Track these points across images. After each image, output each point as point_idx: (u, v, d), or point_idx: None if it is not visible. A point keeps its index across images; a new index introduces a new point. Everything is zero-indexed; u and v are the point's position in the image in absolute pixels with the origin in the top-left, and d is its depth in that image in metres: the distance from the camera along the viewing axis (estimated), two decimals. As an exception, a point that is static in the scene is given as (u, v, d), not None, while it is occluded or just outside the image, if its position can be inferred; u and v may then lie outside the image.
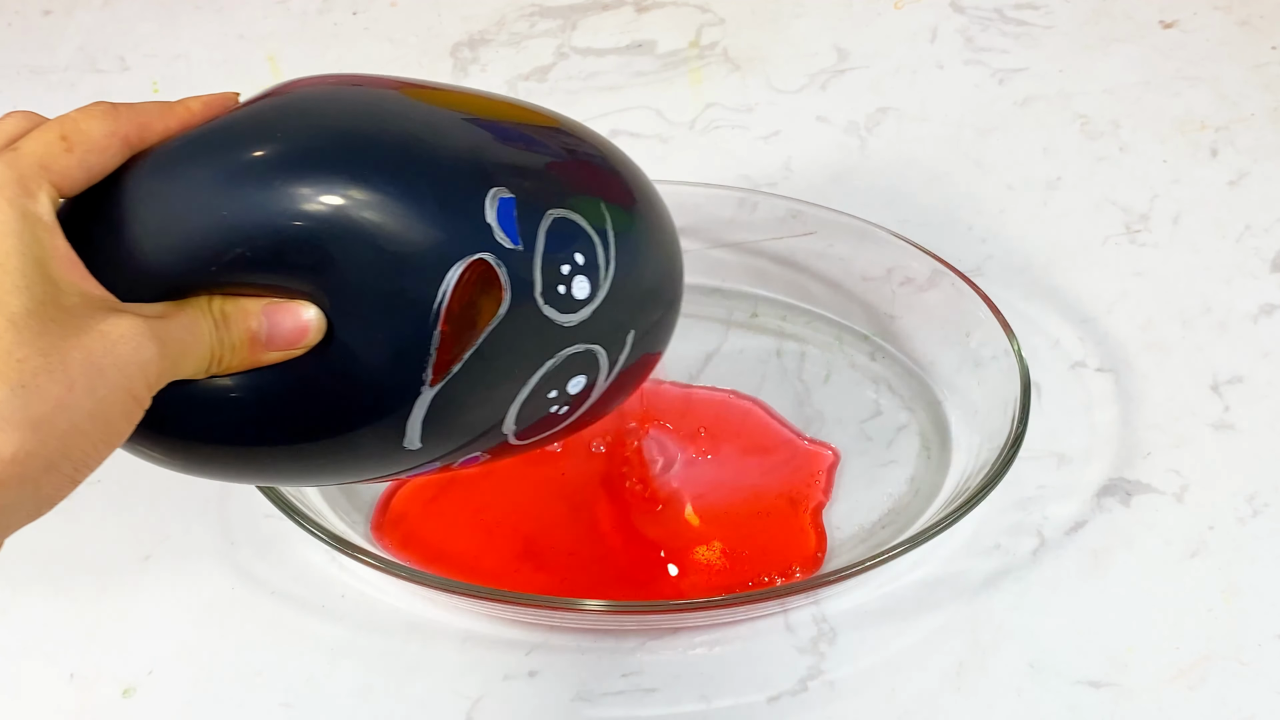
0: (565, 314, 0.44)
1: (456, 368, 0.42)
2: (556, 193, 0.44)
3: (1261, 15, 0.91)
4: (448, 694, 0.56)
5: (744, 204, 0.70)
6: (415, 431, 0.43)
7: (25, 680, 0.57)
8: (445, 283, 0.41)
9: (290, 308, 0.40)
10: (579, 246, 0.44)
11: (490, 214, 0.41)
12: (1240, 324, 0.71)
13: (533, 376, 0.44)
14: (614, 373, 0.47)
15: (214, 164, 0.40)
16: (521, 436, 0.46)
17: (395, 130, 0.42)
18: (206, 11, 0.96)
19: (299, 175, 0.40)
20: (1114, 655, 0.57)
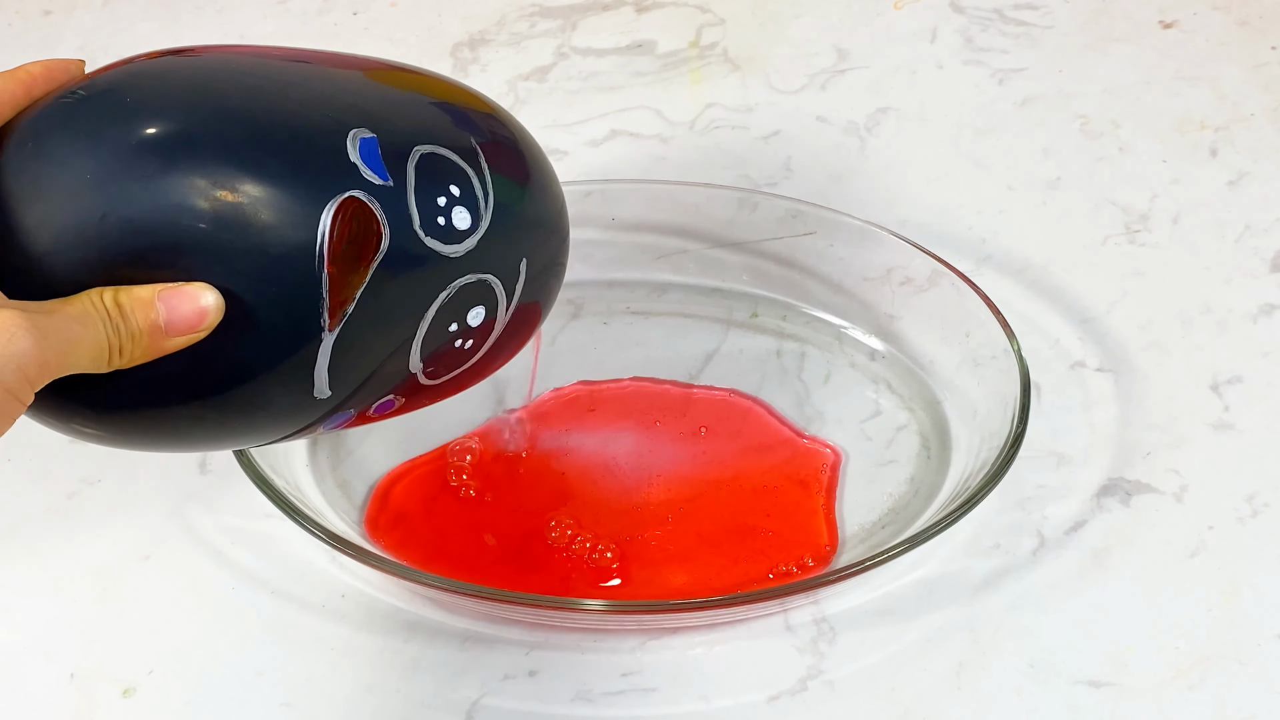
0: (450, 245, 0.45)
1: (351, 308, 0.43)
2: (422, 130, 0.46)
3: (1261, 15, 0.91)
4: (448, 694, 0.56)
5: (744, 204, 0.70)
6: (323, 379, 0.44)
7: (25, 680, 0.57)
8: (321, 224, 0.42)
9: (186, 292, 0.41)
10: (453, 179, 0.45)
11: (353, 153, 0.43)
12: (1240, 324, 0.71)
13: (429, 310, 0.45)
14: (514, 303, 0.48)
15: (81, 158, 0.41)
16: (431, 375, 0.47)
17: (245, 89, 0.43)
18: (206, 11, 0.96)
19: (166, 157, 0.41)
20: (1114, 655, 0.57)
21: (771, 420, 0.65)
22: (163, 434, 0.45)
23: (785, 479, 0.63)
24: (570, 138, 0.83)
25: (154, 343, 0.41)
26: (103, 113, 0.42)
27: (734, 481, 0.63)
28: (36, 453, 0.65)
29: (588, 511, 0.61)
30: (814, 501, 0.62)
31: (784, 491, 0.62)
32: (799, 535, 0.60)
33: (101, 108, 0.42)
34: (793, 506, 0.62)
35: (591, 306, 0.71)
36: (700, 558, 0.60)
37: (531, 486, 0.63)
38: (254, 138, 0.42)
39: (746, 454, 0.64)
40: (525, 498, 0.62)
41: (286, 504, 0.56)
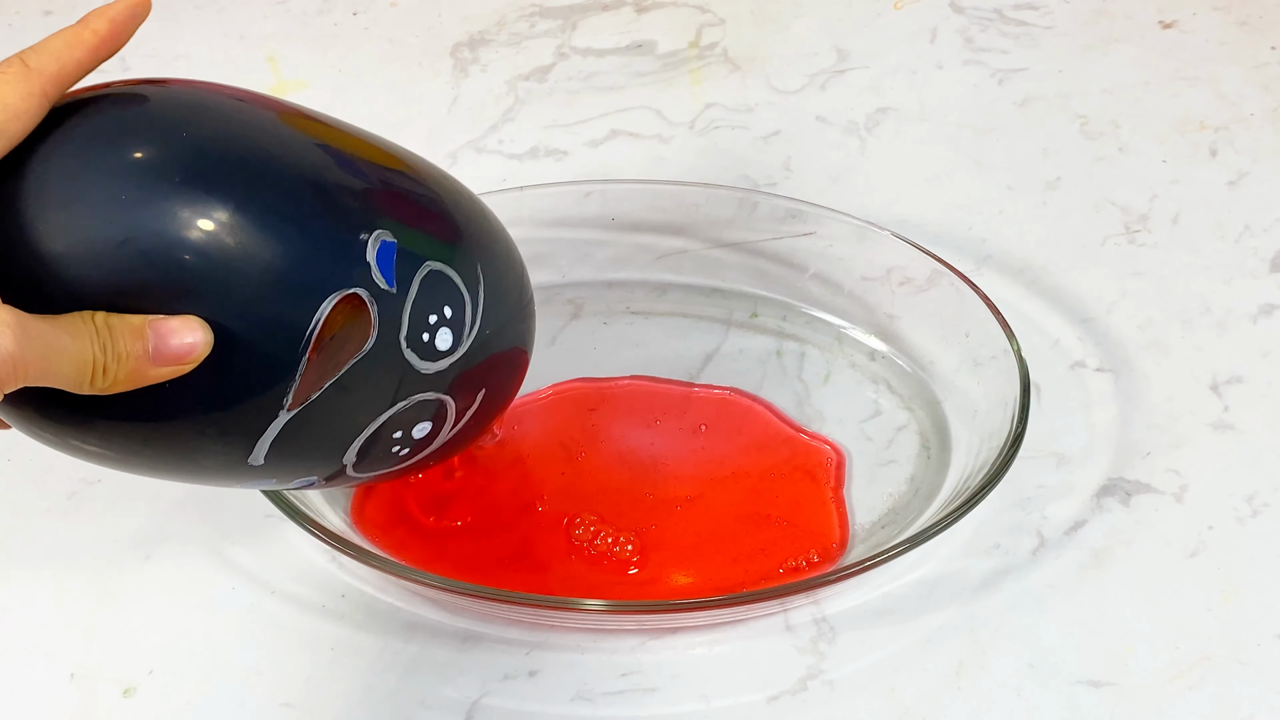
0: (424, 361, 0.46)
1: (315, 395, 0.43)
2: (438, 247, 0.46)
3: (1261, 15, 0.91)
4: (448, 694, 0.56)
5: (744, 204, 0.70)
6: (263, 450, 0.44)
7: (25, 680, 0.57)
8: (319, 313, 0.42)
9: (177, 325, 0.41)
10: (450, 301, 0.46)
11: (370, 253, 0.43)
12: (1240, 324, 0.71)
13: (383, 414, 0.46)
14: (458, 425, 0.50)
15: (103, 187, 0.40)
16: (359, 469, 0.48)
17: (296, 159, 0.43)
18: (207, 11, 0.96)
19: (192, 200, 0.40)
20: (1113, 655, 0.57)
21: (773, 418, 0.65)
22: (104, 452, 0.45)
23: (794, 469, 0.63)
24: (570, 138, 0.83)
25: (139, 370, 0.41)
26: (145, 143, 0.41)
27: (740, 475, 0.63)
28: (36, 453, 0.65)
29: (606, 506, 0.61)
30: (823, 493, 0.62)
31: (792, 481, 0.62)
32: (810, 527, 0.61)
33: (148, 137, 0.41)
34: (802, 498, 0.62)
35: (591, 306, 0.71)
36: (712, 551, 0.60)
37: (532, 485, 0.63)
38: (287, 211, 0.42)
39: (750, 449, 0.64)
40: (526, 496, 0.62)
41: (286, 504, 0.56)
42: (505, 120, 0.85)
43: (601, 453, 0.64)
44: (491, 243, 0.50)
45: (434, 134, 0.84)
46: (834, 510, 0.61)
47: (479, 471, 0.63)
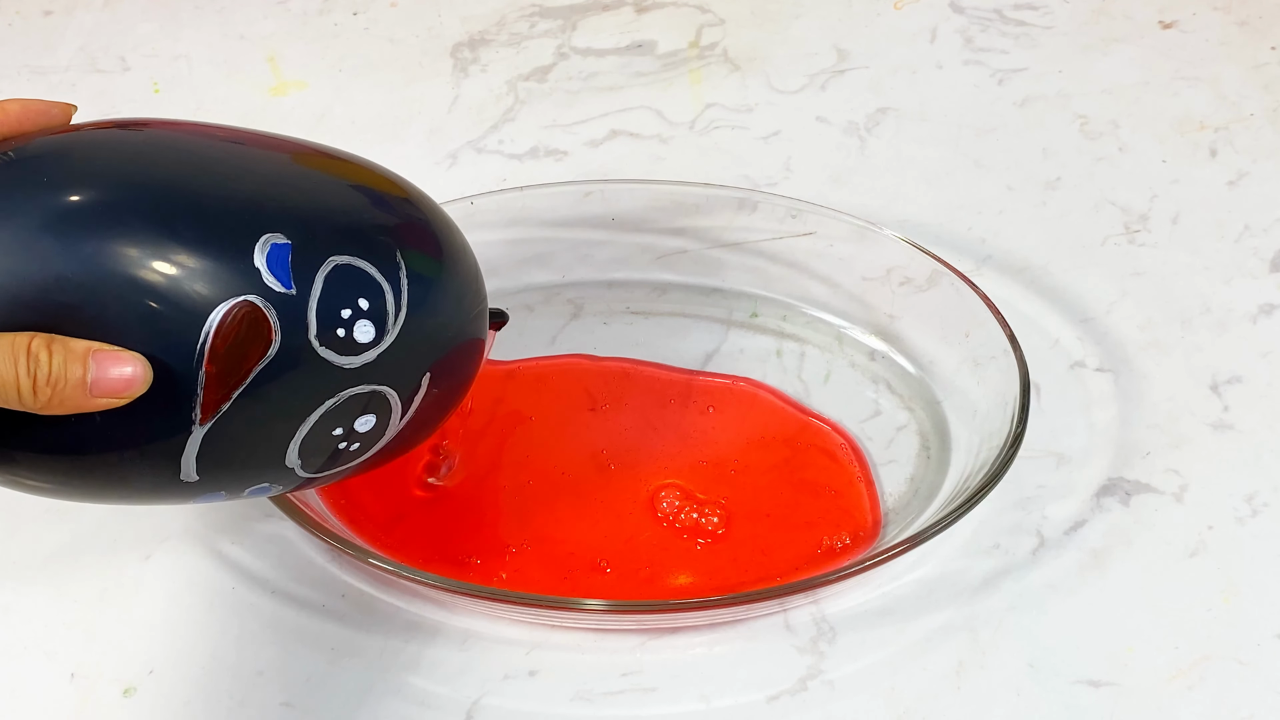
0: (345, 356, 0.45)
1: (226, 406, 0.43)
2: (343, 239, 0.45)
3: (1261, 15, 0.91)
4: (448, 694, 0.56)
5: (744, 204, 0.70)
6: (190, 466, 0.44)
7: (25, 680, 0.57)
8: (208, 324, 0.42)
9: (118, 357, 0.41)
10: (364, 292, 0.45)
11: (259, 259, 0.43)
12: (1239, 324, 0.71)
13: (311, 415, 0.45)
14: (410, 410, 0.48)
15: (12, 216, 0.41)
16: (310, 469, 0.48)
17: (172, 174, 0.43)
18: (207, 11, 0.96)
19: (72, 231, 0.41)
20: (1113, 655, 0.57)
21: (783, 404, 0.66)
22: (38, 484, 0.45)
23: (816, 450, 0.64)
24: (570, 138, 0.83)
25: (77, 397, 0.41)
26: (20, 179, 0.42)
27: (763, 454, 0.63)
28: (36, 453, 0.65)
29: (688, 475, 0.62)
30: (849, 473, 0.63)
31: (815, 461, 0.63)
32: (842, 504, 0.61)
33: (21, 174, 0.42)
34: (829, 478, 0.63)
35: (591, 306, 0.71)
36: (773, 522, 0.61)
37: (533, 484, 0.63)
38: (165, 227, 0.42)
39: (763, 432, 0.65)
40: (526, 496, 0.62)
41: (286, 504, 0.56)
42: (505, 120, 0.85)
43: (624, 427, 0.65)
44: (415, 223, 0.48)
45: (434, 134, 0.84)
46: (864, 491, 0.62)
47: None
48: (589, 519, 0.61)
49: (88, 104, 0.88)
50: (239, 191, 0.44)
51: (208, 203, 0.43)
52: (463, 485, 0.63)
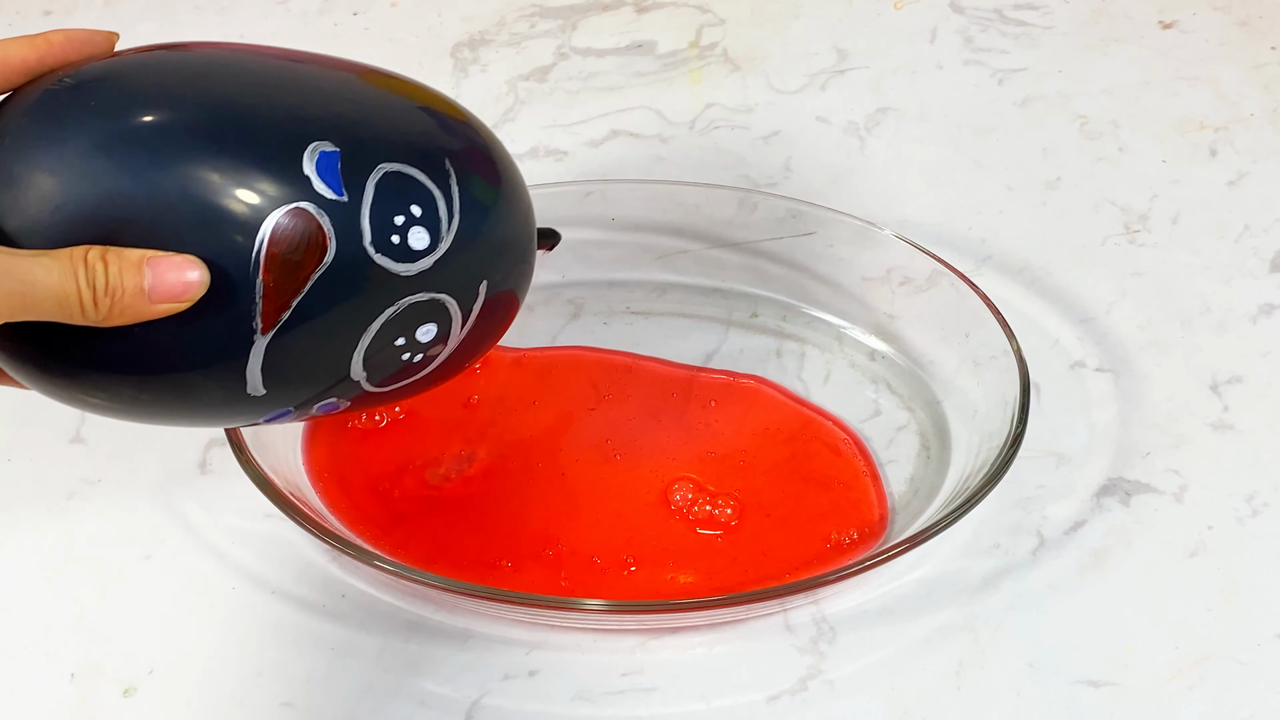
0: (402, 263, 0.45)
1: (286, 315, 0.43)
2: (392, 147, 0.45)
3: (1261, 15, 0.91)
4: (448, 694, 0.56)
5: (744, 204, 0.70)
6: (256, 379, 0.44)
7: (25, 680, 0.57)
8: (262, 232, 0.42)
9: (174, 262, 0.42)
10: (416, 199, 0.45)
11: (308, 166, 0.43)
12: (1239, 324, 0.71)
13: (372, 324, 0.45)
14: (470, 320, 0.48)
15: (69, 139, 0.42)
16: (378, 384, 0.48)
17: (221, 90, 0.44)
18: (207, 11, 0.96)
19: (129, 148, 0.42)
20: (1113, 655, 0.57)
21: (786, 400, 0.66)
22: (106, 403, 0.45)
23: (820, 445, 0.64)
24: (570, 138, 0.83)
25: (137, 305, 0.41)
26: (71, 103, 0.43)
27: (766, 447, 0.64)
28: (36, 453, 0.65)
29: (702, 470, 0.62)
30: (854, 467, 0.63)
31: (819, 455, 0.64)
32: (850, 497, 0.62)
33: (72, 98, 0.43)
34: (834, 471, 0.63)
35: (591, 306, 0.71)
36: (782, 515, 0.61)
37: (533, 485, 0.63)
38: (215, 140, 0.43)
39: (766, 425, 0.65)
40: (526, 496, 0.62)
41: (286, 504, 0.56)
42: (505, 120, 0.85)
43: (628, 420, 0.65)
44: (459, 133, 0.49)
45: (434, 134, 0.84)
46: (870, 485, 0.62)
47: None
48: (602, 515, 0.61)
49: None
50: (285, 102, 0.44)
51: (255, 114, 0.44)
52: (467, 481, 0.63)
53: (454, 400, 0.66)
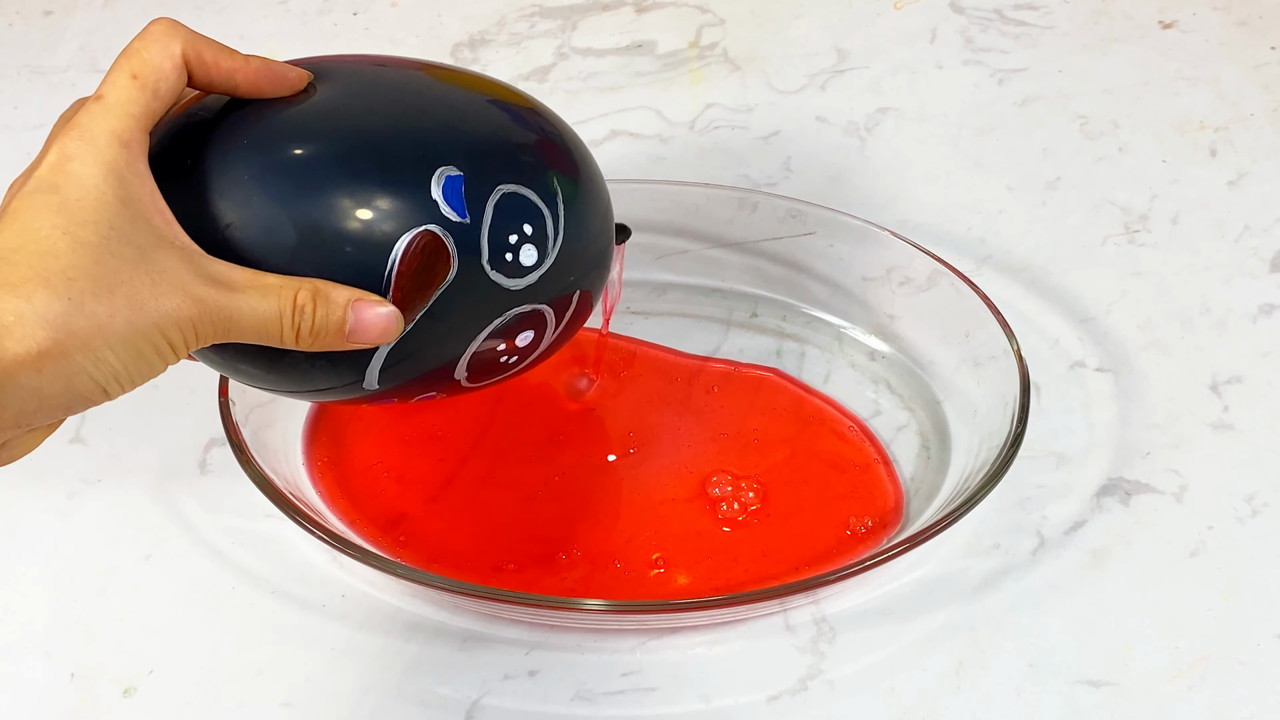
0: (513, 279, 0.48)
1: (409, 328, 0.47)
2: (508, 168, 0.48)
3: (1261, 15, 0.91)
4: (448, 694, 0.56)
5: (744, 204, 0.70)
6: (374, 377, 0.48)
7: (25, 680, 0.57)
8: (393, 254, 0.46)
9: (376, 308, 0.45)
10: (528, 218, 0.48)
11: (436, 191, 0.46)
12: (1239, 324, 0.71)
13: (481, 333, 0.49)
14: (561, 324, 0.52)
15: (230, 169, 0.46)
16: (472, 380, 0.51)
17: (355, 126, 0.47)
18: (207, 11, 0.96)
19: (288, 177, 0.46)
20: (1113, 655, 0.57)
21: (794, 387, 0.67)
22: (244, 369, 0.49)
23: (826, 430, 0.65)
24: (570, 138, 0.83)
25: (334, 341, 0.45)
26: (239, 133, 0.47)
27: (776, 433, 0.64)
28: (37, 453, 0.65)
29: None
30: (865, 455, 0.64)
31: (827, 441, 0.64)
32: (863, 480, 0.62)
33: (278, 132, 0.47)
34: (844, 458, 0.63)
35: (591, 306, 0.71)
36: (802, 500, 0.61)
37: (533, 485, 0.63)
38: (356, 173, 0.46)
39: (779, 414, 0.66)
40: (527, 496, 0.62)
41: (286, 504, 0.56)
42: (505, 120, 0.85)
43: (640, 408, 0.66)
44: (562, 149, 0.51)
45: (434, 134, 0.84)
46: (884, 471, 0.63)
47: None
48: (610, 515, 0.62)
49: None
50: (414, 127, 0.47)
51: (389, 146, 0.47)
52: (472, 479, 0.63)
53: (454, 401, 0.66)
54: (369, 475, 0.63)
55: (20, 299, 0.39)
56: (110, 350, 0.40)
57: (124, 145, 0.43)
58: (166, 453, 0.65)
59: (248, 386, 0.52)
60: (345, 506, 0.62)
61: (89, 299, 0.40)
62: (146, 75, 0.44)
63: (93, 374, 0.40)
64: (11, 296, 0.39)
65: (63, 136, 0.43)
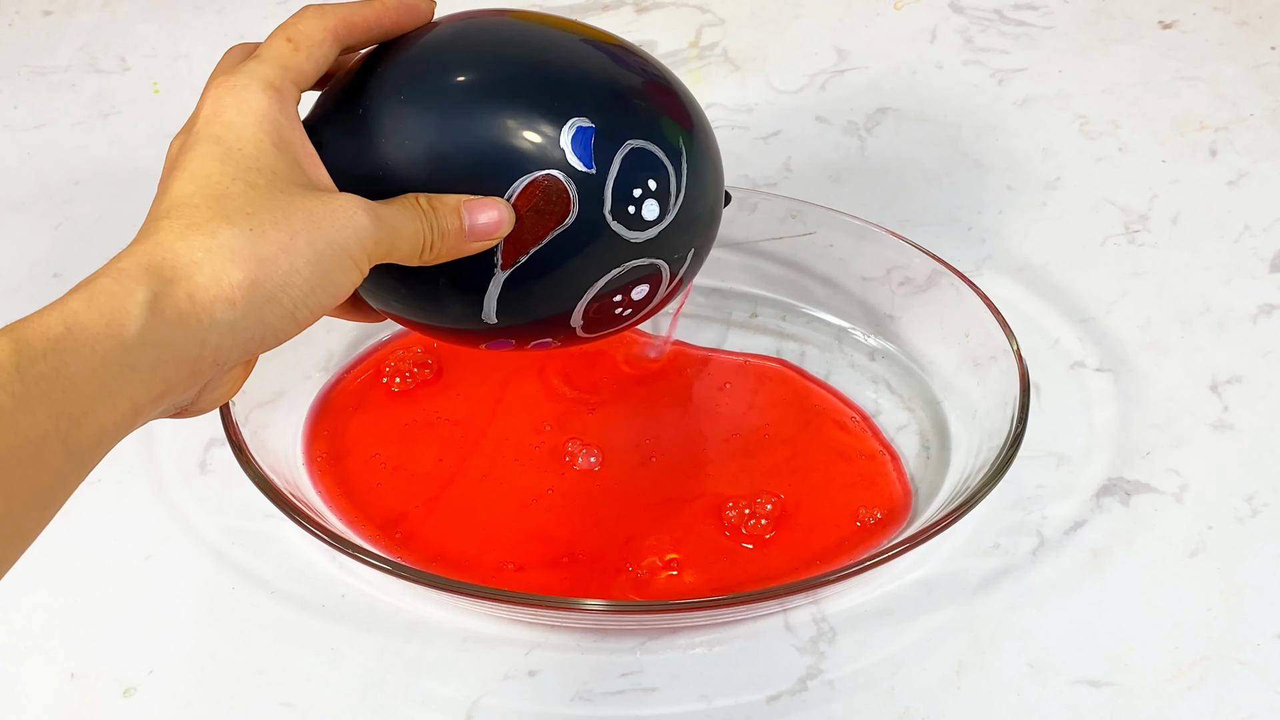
0: (634, 231, 0.50)
1: (524, 258, 0.49)
2: (640, 123, 0.50)
3: (1261, 15, 0.91)
4: (448, 694, 0.56)
5: (744, 204, 0.70)
6: (491, 307, 0.50)
7: (25, 680, 0.57)
8: (512, 189, 0.48)
9: (487, 204, 0.47)
10: (654, 174, 0.50)
11: (565, 139, 0.48)
12: (1239, 324, 0.71)
13: (599, 280, 0.50)
14: (675, 279, 0.53)
15: (417, 104, 0.48)
16: (587, 330, 0.53)
17: (503, 64, 0.49)
18: (207, 11, 0.96)
19: (429, 109, 0.48)
20: (1113, 655, 0.57)
21: (800, 378, 0.67)
22: (373, 293, 0.52)
23: (827, 420, 0.65)
24: (570, 138, 0.83)
25: (458, 244, 0.47)
26: (420, 70, 0.49)
27: (783, 426, 0.65)
28: (36, 453, 0.65)
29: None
30: (867, 445, 0.64)
31: (828, 433, 0.64)
32: (869, 468, 0.63)
33: (423, 68, 0.49)
34: (846, 448, 0.64)
35: (591, 306, 0.71)
36: (815, 497, 0.62)
37: (533, 484, 0.63)
38: (497, 108, 0.48)
39: (781, 404, 0.66)
40: (526, 496, 0.62)
41: (286, 504, 0.56)
42: (505, 120, 0.85)
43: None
44: (687, 109, 0.52)
45: (434, 134, 0.84)
46: (889, 463, 0.63)
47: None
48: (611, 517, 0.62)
49: (88, 104, 0.88)
50: (551, 78, 0.49)
51: (531, 88, 0.49)
52: (472, 478, 0.63)
53: (454, 400, 0.66)
54: (369, 475, 0.63)
55: (206, 235, 0.41)
56: (297, 273, 0.42)
57: (275, 92, 0.45)
58: (166, 453, 0.65)
59: (397, 322, 0.54)
60: (345, 506, 0.62)
61: (269, 228, 0.42)
62: (299, 39, 0.47)
63: (282, 301, 0.42)
64: (197, 234, 0.41)
65: (216, 89, 0.45)
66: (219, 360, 0.41)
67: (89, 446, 0.39)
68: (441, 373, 0.67)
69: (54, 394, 0.37)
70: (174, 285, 0.40)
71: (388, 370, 0.67)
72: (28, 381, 0.37)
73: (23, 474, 0.37)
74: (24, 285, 0.75)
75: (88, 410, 0.38)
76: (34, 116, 0.87)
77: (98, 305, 0.39)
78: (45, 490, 0.39)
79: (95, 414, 0.38)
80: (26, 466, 0.37)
